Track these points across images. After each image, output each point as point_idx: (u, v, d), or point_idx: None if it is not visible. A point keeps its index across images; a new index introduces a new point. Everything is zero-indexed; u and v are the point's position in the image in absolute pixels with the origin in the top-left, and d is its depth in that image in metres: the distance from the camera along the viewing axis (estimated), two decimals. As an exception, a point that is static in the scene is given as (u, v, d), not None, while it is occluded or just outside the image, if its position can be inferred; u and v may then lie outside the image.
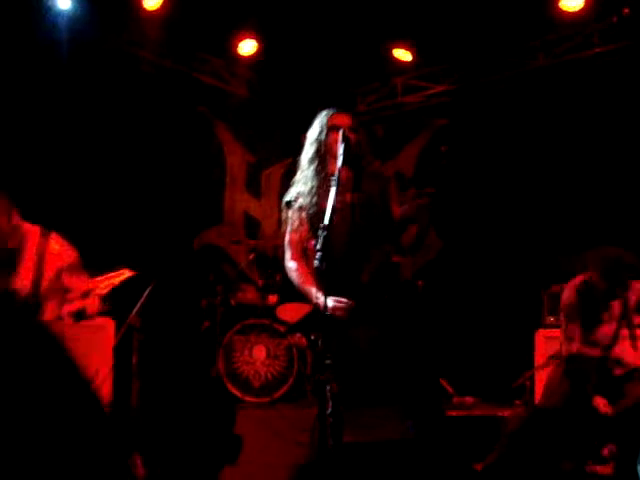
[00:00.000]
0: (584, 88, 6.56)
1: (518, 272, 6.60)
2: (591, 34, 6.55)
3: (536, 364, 5.85)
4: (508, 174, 6.90)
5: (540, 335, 5.92)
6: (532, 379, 5.79)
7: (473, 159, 7.02)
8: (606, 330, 4.24)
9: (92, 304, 3.44)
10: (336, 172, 3.24)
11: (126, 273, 3.48)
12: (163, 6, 6.18)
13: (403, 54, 7.15)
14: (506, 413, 5.33)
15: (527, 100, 6.88)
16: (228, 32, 6.95)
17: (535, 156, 6.78)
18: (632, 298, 4.27)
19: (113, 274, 3.47)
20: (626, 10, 6.25)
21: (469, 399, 6.22)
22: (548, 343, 5.71)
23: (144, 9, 6.21)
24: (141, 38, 6.58)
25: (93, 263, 3.55)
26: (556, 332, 5.06)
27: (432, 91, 7.50)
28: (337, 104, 3.56)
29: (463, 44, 6.88)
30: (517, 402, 5.75)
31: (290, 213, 3.31)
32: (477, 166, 7.04)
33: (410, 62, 7.23)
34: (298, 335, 5.88)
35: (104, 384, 4.85)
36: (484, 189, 6.99)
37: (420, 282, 6.15)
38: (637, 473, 3.70)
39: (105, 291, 3.45)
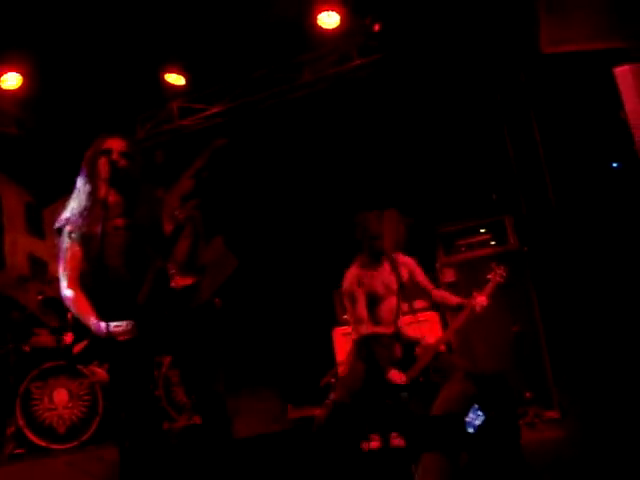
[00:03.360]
0: (348, 98, 7.04)
1: (308, 277, 6.90)
2: (349, 49, 7.05)
3: (337, 360, 6.16)
4: (288, 184, 7.22)
5: (337, 332, 6.25)
6: (336, 375, 6.08)
7: (254, 174, 7.25)
8: (387, 306, 4.57)
9: None
10: (104, 196, 3.25)
11: None
12: None
13: (176, 78, 7.21)
14: (317, 412, 5.50)
15: (298, 113, 7.24)
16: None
17: (310, 164, 7.16)
18: (404, 273, 4.65)
19: None
20: (377, 27, 6.82)
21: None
22: (345, 339, 6.05)
23: None
24: None
25: None
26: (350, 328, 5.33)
27: (208, 112, 7.62)
28: (115, 131, 3.55)
29: (233, 64, 7.09)
30: (327, 401, 5.97)
31: (61, 240, 3.24)
32: (259, 180, 7.28)
33: (184, 86, 7.30)
34: (100, 372, 5.69)
35: None
36: (269, 202, 7.25)
37: (217, 300, 6.20)
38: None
39: None
